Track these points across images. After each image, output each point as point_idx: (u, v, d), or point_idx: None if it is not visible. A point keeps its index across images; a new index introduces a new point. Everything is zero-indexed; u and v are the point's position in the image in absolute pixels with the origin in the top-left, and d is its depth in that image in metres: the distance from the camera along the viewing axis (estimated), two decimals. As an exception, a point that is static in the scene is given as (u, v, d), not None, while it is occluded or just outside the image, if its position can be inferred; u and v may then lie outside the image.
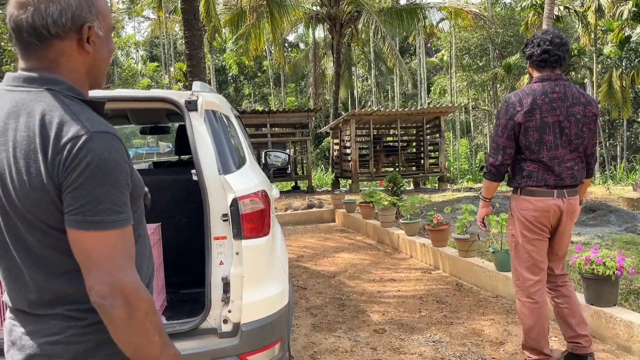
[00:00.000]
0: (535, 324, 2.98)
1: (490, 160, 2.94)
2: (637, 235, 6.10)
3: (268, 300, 2.52)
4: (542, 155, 2.84)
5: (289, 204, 10.47)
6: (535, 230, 2.93)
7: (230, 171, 2.52)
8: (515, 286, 3.11)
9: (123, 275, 1.05)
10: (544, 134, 2.82)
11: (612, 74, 22.76)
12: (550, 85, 2.86)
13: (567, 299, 3.08)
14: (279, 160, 5.15)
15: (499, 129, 2.89)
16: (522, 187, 2.92)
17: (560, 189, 2.88)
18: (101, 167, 1.03)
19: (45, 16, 1.08)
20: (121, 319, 1.05)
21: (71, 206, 1.03)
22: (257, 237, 2.49)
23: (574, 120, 2.85)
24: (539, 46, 2.89)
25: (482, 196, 3.20)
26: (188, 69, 10.26)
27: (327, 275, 5.78)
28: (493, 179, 2.99)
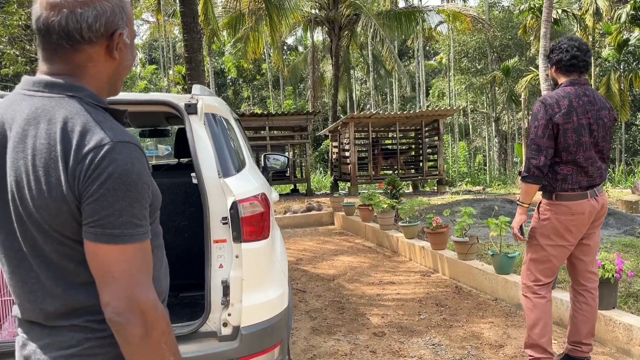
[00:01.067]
0: (540, 319, 2.99)
1: (533, 162, 2.86)
2: (635, 238, 6.11)
3: (268, 304, 2.52)
4: (579, 156, 2.86)
5: (288, 207, 10.46)
6: (566, 237, 2.92)
7: (230, 174, 2.52)
8: (522, 284, 3.12)
9: (141, 292, 1.02)
10: (581, 136, 2.85)
11: (611, 77, 22.82)
12: (582, 89, 2.92)
13: (589, 309, 3.09)
14: (278, 163, 5.16)
15: (539, 130, 2.86)
16: (557, 193, 2.91)
17: (591, 189, 2.92)
18: (123, 179, 1.00)
19: (80, 20, 1.06)
20: (137, 338, 1.01)
21: (90, 218, 1.00)
22: (256, 240, 2.49)
23: (601, 124, 2.91)
24: (567, 52, 2.93)
25: (520, 202, 3.04)
26: (187, 72, 10.27)
27: (326, 278, 5.78)
28: (536, 182, 2.91)
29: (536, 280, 3.01)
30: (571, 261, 3.12)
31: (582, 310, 3.08)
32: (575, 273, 3.13)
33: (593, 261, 3.12)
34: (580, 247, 3.04)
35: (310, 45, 24.62)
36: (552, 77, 3.09)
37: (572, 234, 2.92)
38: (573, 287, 3.16)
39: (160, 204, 1.21)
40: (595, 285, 3.13)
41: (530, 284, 3.03)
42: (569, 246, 2.97)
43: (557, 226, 2.91)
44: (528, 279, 3.06)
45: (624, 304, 3.84)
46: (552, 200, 2.93)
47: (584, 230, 2.96)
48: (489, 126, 31.40)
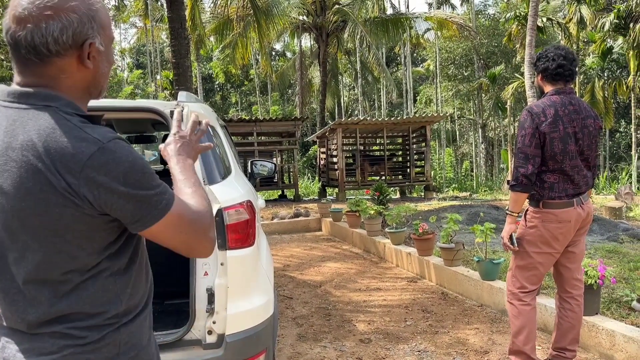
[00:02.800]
0: (525, 325, 3.01)
1: (521, 171, 2.89)
2: (619, 244, 6.19)
3: (253, 311, 2.51)
4: (565, 165, 2.89)
5: (276, 213, 10.45)
6: (553, 244, 2.95)
7: (215, 181, 2.52)
8: (508, 291, 3.14)
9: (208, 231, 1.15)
10: (567, 144, 2.88)
11: (595, 84, 23.15)
12: (567, 98, 2.95)
13: (575, 315, 3.12)
14: (265, 170, 5.15)
15: (527, 139, 2.89)
16: (545, 201, 2.93)
17: (577, 197, 2.95)
18: (129, 172, 1.04)
19: (45, 34, 1.04)
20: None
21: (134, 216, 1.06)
22: (242, 248, 2.49)
23: (587, 132, 2.94)
24: (553, 60, 2.96)
25: (510, 211, 3.03)
26: (174, 78, 10.24)
27: (313, 284, 5.77)
28: (525, 190, 2.93)
29: (522, 287, 3.04)
30: (557, 269, 3.15)
31: (567, 317, 3.12)
32: (561, 280, 3.16)
33: (578, 268, 3.16)
34: (566, 255, 3.07)
35: (298, 52, 24.67)
36: (538, 85, 3.13)
37: (559, 241, 2.96)
38: (559, 294, 3.19)
39: None
40: (581, 292, 3.16)
41: (516, 291, 3.05)
42: (555, 254, 3.00)
43: (544, 234, 2.94)
44: (513, 285, 3.08)
45: (607, 309, 3.88)
46: (540, 208, 2.96)
47: (570, 237, 2.99)
48: (476, 132, 31.68)
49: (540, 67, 3.02)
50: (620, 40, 22.84)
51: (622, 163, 26.82)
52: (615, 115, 26.47)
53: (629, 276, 4.66)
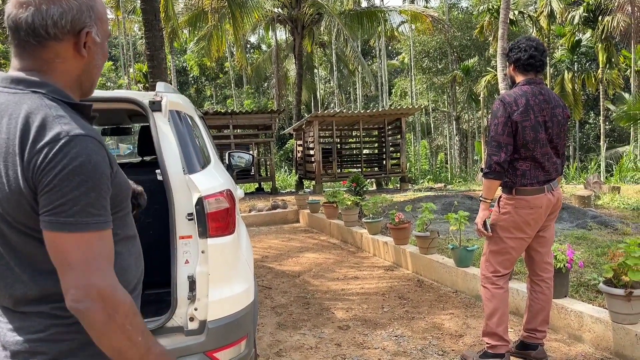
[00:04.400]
0: (497, 308, 3.12)
1: (494, 159, 2.97)
2: (587, 231, 6.40)
3: (234, 298, 2.55)
4: (536, 152, 2.99)
5: (253, 205, 10.46)
6: (525, 229, 3.06)
7: (195, 171, 2.55)
8: (481, 275, 3.24)
9: (98, 278, 1.03)
10: (537, 133, 2.98)
11: (564, 76, 23.64)
12: (537, 88, 3.05)
13: (545, 297, 3.24)
14: (243, 161, 5.16)
15: (499, 127, 2.97)
16: (517, 187, 3.03)
17: (548, 184, 3.06)
18: (77, 170, 1.02)
19: (45, 17, 1.08)
20: (100, 323, 1.03)
21: (45, 207, 1.03)
22: (222, 236, 2.52)
23: (556, 121, 3.05)
24: (525, 51, 3.06)
25: (483, 198, 3.13)
26: (149, 70, 10.12)
27: (291, 274, 5.83)
28: (497, 177, 3.02)
29: (495, 271, 3.14)
30: (528, 253, 3.26)
31: (538, 299, 3.24)
32: (532, 264, 3.28)
33: (548, 252, 3.28)
34: (537, 239, 3.19)
35: (274, 44, 24.58)
36: (510, 75, 3.23)
37: (531, 226, 3.07)
38: (530, 277, 3.31)
39: (128, 195, 1.25)
40: (551, 275, 3.28)
41: (489, 275, 3.16)
42: (527, 238, 3.11)
43: (516, 220, 3.04)
44: (487, 270, 3.18)
45: (576, 292, 4.04)
46: (512, 195, 3.06)
47: (541, 223, 3.10)
48: (450, 125, 32.06)
49: (512, 57, 3.12)
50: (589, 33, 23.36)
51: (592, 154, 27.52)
52: (584, 107, 27.10)
53: (597, 261, 4.84)
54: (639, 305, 3.21)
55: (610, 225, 6.59)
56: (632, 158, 16.26)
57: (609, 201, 8.80)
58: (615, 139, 29.06)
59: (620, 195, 9.31)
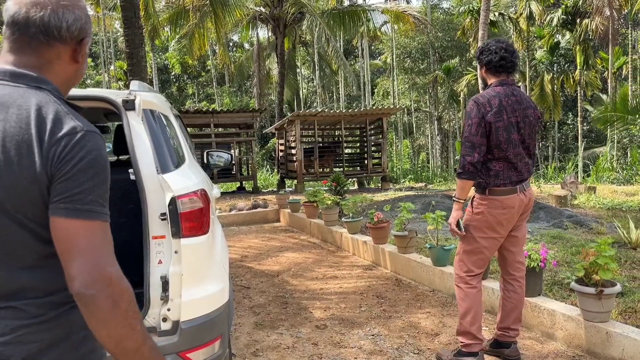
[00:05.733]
0: (471, 307, 3.15)
1: (467, 159, 3.00)
2: (563, 230, 6.50)
3: (208, 298, 2.54)
4: (509, 153, 3.02)
5: (234, 205, 10.42)
6: (497, 229, 3.09)
7: (169, 170, 2.53)
8: (455, 275, 3.27)
9: (107, 264, 1.06)
10: (510, 133, 3.01)
11: (544, 78, 23.96)
12: (510, 89, 3.09)
13: (517, 296, 3.28)
14: (222, 160, 5.13)
15: (473, 128, 3.00)
16: (490, 188, 3.06)
17: (520, 184, 3.10)
18: (93, 163, 1.09)
19: (61, 19, 1.16)
20: (106, 309, 1.04)
21: (61, 195, 1.06)
22: (196, 236, 2.51)
23: (528, 122, 3.09)
24: (496, 53, 3.09)
25: (457, 198, 3.15)
26: (129, 68, 10.02)
27: (270, 274, 5.82)
28: (471, 178, 3.05)
29: (468, 270, 3.18)
30: (501, 252, 3.31)
31: (510, 298, 3.28)
32: (504, 263, 3.32)
33: (520, 252, 3.33)
34: (509, 239, 3.23)
35: (256, 43, 24.50)
36: (482, 77, 3.27)
37: (503, 226, 3.11)
38: (502, 276, 3.35)
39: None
40: (523, 274, 3.33)
41: (463, 274, 3.19)
42: (499, 238, 3.15)
43: (489, 220, 3.08)
44: (460, 269, 3.22)
45: (549, 291, 4.10)
46: (486, 195, 3.09)
47: (513, 222, 3.15)
48: (432, 125, 32.29)
49: (484, 60, 3.15)
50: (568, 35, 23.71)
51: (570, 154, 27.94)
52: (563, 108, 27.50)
53: (571, 260, 4.91)
54: (609, 304, 3.27)
55: (585, 225, 6.71)
56: (609, 159, 16.55)
57: (585, 201, 8.95)
58: (592, 140, 29.55)
59: (596, 195, 9.48)
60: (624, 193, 9.91)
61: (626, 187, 11.10)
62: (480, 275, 3.23)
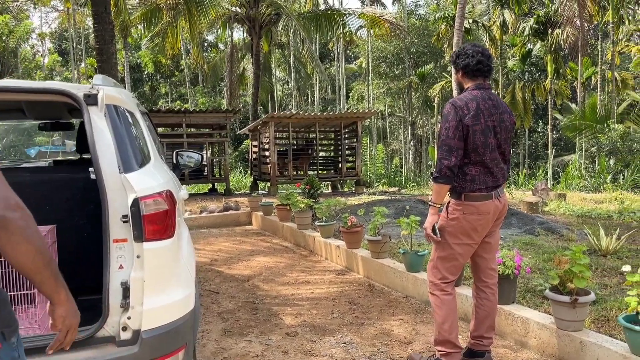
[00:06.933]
0: (449, 315, 3.08)
1: (445, 163, 2.92)
2: (534, 237, 6.52)
3: (171, 306, 2.40)
4: (486, 157, 2.96)
5: (205, 207, 10.21)
6: (472, 236, 3.02)
7: (132, 170, 2.38)
8: (429, 282, 3.18)
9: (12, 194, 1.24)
10: (487, 137, 2.95)
11: (515, 86, 24.35)
12: (486, 93, 3.04)
13: (490, 304, 3.22)
14: (192, 161, 4.98)
15: (450, 131, 2.92)
16: (466, 193, 2.99)
17: (495, 189, 3.04)
18: None
19: None
20: (21, 229, 1.22)
21: None
22: (160, 240, 2.37)
23: (504, 126, 3.04)
24: (473, 57, 3.04)
25: (432, 202, 3.06)
26: (98, 64, 9.76)
27: (241, 279, 5.67)
28: (447, 182, 2.97)
29: (443, 277, 3.10)
30: (473, 259, 3.25)
31: (483, 306, 3.22)
32: (477, 270, 3.26)
33: (493, 258, 3.28)
34: (483, 245, 3.17)
35: (230, 43, 24.26)
36: (458, 82, 3.22)
37: (478, 233, 3.04)
38: (475, 283, 3.29)
39: None
40: (495, 282, 3.28)
41: (438, 281, 3.11)
42: (474, 245, 3.09)
43: (464, 225, 3.01)
44: (435, 276, 3.14)
45: (523, 298, 4.06)
46: (461, 201, 3.02)
47: (488, 229, 3.09)
48: (405, 130, 32.50)
49: (461, 64, 3.09)
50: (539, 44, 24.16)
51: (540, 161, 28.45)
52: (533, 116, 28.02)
53: (543, 267, 4.91)
54: (583, 313, 3.25)
55: (557, 232, 6.75)
56: (577, 166, 16.86)
57: (555, 207, 9.05)
58: (562, 148, 30.17)
59: (566, 202, 9.60)
60: (592, 200, 10.07)
61: (595, 195, 11.29)
62: (454, 282, 3.17)
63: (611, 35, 19.94)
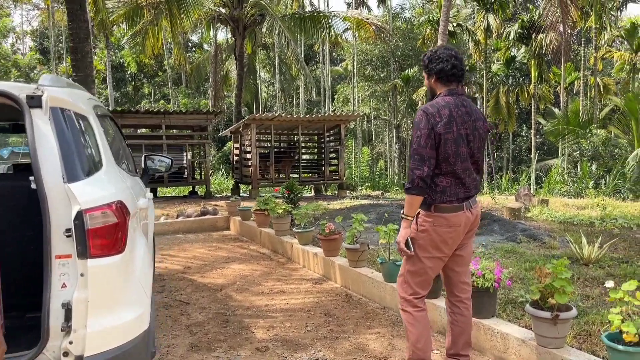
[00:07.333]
0: (422, 333, 2.92)
1: (417, 173, 2.74)
2: (516, 244, 6.40)
3: (120, 328, 2.20)
4: (457, 167, 2.80)
5: (182, 210, 9.96)
6: (442, 249, 2.86)
7: (78, 179, 2.18)
8: (400, 298, 3.01)
9: None
10: (459, 146, 2.78)
11: (500, 90, 24.42)
12: (460, 99, 2.87)
13: (464, 319, 3.07)
14: (164, 165, 4.78)
15: (422, 140, 2.75)
16: (436, 205, 2.82)
17: (467, 200, 2.88)
18: None
19: None
20: None
21: None
22: (107, 256, 2.17)
23: (477, 135, 2.87)
24: (447, 61, 2.86)
25: (405, 215, 2.87)
26: (72, 63, 9.48)
27: (213, 288, 5.46)
28: (420, 193, 2.78)
29: (414, 293, 2.93)
30: (445, 273, 3.09)
31: (457, 321, 3.06)
32: (450, 284, 3.10)
33: (466, 272, 3.11)
34: (454, 259, 3.01)
35: (213, 44, 23.99)
36: (430, 87, 3.02)
37: (448, 245, 2.88)
38: (448, 298, 3.13)
39: None
40: (469, 296, 3.11)
41: (410, 297, 2.94)
42: (444, 258, 2.93)
43: (434, 238, 2.84)
44: (406, 292, 2.96)
45: (503, 311, 3.91)
46: (431, 212, 2.85)
47: (459, 241, 2.92)
48: (390, 133, 32.47)
49: (435, 68, 2.90)
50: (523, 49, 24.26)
51: (523, 165, 28.59)
52: (517, 121, 28.14)
53: (525, 276, 4.77)
54: (565, 329, 3.10)
55: (539, 239, 6.64)
56: (560, 171, 16.89)
57: (538, 213, 8.96)
58: (545, 152, 30.35)
59: (549, 208, 9.52)
60: (575, 206, 10.01)
61: (577, 201, 11.25)
62: (425, 296, 2.99)
63: (594, 41, 20.07)
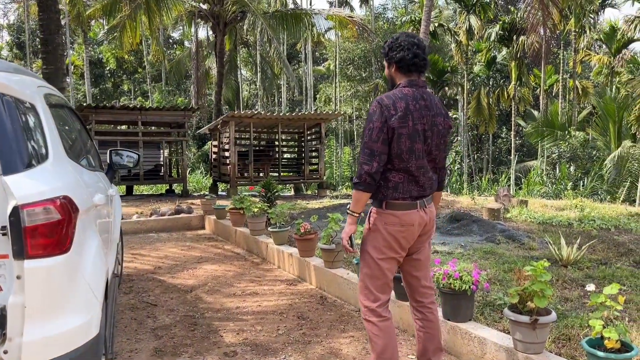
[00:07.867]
0: (389, 342, 2.74)
1: (365, 169, 2.58)
2: (495, 245, 6.31)
3: (63, 336, 2.00)
4: (411, 164, 2.62)
5: (156, 209, 9.68)
6: (396, 248, 2.70)
7: (16, 171, 1.98)
8: (362, 307, 2.81)
9: None
10: (414, 142, 2.60)
11: (481, 91, 24.51)
12: (419, 92, 2.67)
13: (431, 324, 2.91)
14: (132, 161, 4.60)
15: (374, 133, 2.57)
16: (388, 201, 2.66)
17: (421, 200, 2.71)
18: None
19: None
20: None
21: None
22: (49, 256, 1.97)
23: (436, 131, 2.69)
24: (408, 50, 2.67)
25: (351, 211, 2.74)
26: (42, 56, 9.17)
27: (183, 289, 5.25)
28: (367, 189, 2.63)
29: (376, 299, 2.75)
30: (406, 279, 2.93)
31: (424, 327, 2.90)
32: (411, 290, 2.94)
33: (426, 276, 2.94)
34: (411, 263, 2.86)
35: (194, 40, 23.65)
36: (390, 77, 2.84)
37: (401, 245, 2.72)
38: (411, 304, 2.96)
39: None
40: (432, 299, 2.95)
41: (373, 306, 2.74)
42: (399, 257, 2.77)
43: (386, 237, 2.68)
44: (368, 299, 2.77)
45: (481, 314, 3.79)
46: (382, 209, 2.68)
47: (412, 242, 2.75)
48: (372, 133, 32.37)
49: (395, 57, 2.70)
50: (504, 51, 24.39)
51: (503, 166, 28.76)
52: (498, 122, 28.28)
53: (503, 277, 4.66)
54: (544, 334, 2.98)
55: (518, 240, 6.56)
56: (539, 172, 16.96)
57: (517, 214, 8.91)
58: (524, 154, 30.57)
59: (528, 209, 9.48)
60: (553, 207, 9.99)
61: (556, 202, 11.26)
62: (386, 303, 2.82)
63: (573, 44, 20.23)
